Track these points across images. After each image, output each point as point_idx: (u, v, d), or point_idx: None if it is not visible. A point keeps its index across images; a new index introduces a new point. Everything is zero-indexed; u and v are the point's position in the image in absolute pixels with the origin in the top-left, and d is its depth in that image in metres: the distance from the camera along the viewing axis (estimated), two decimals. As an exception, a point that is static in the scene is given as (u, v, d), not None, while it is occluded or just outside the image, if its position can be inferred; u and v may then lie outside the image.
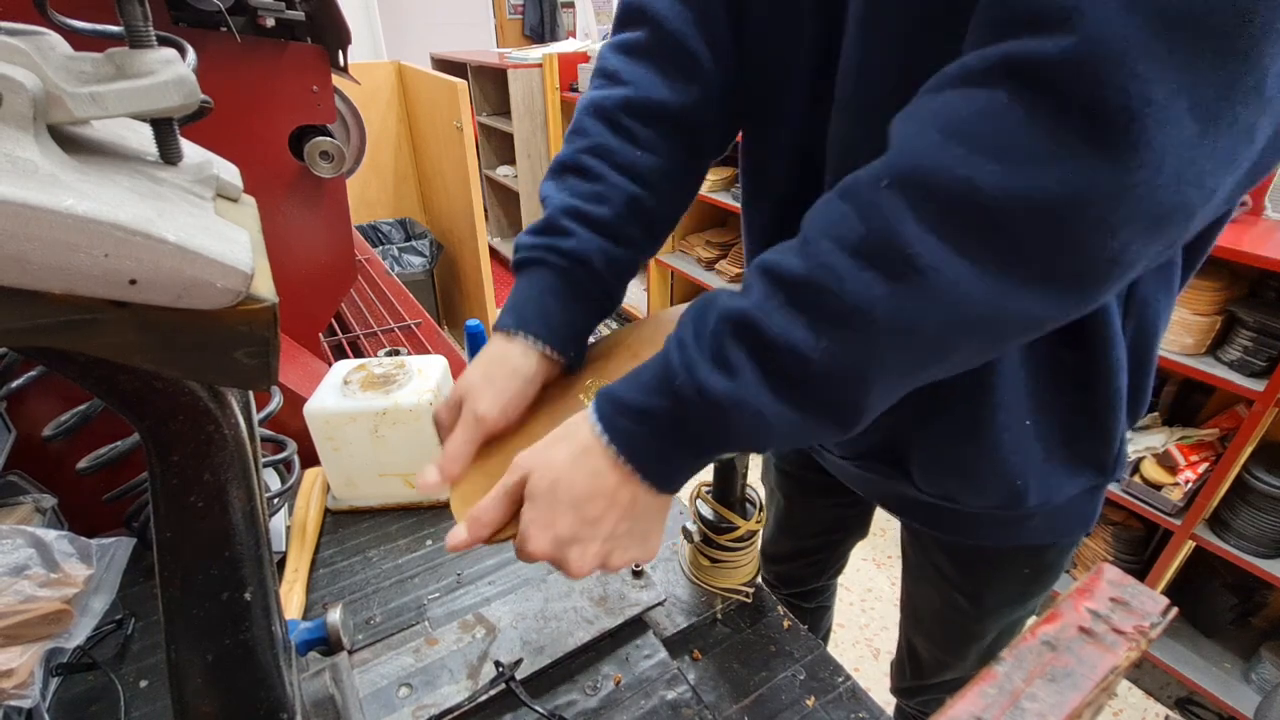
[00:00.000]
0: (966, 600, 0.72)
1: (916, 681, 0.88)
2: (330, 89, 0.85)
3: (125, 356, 0.26)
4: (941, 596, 0.76)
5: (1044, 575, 0.68)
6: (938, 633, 0.81)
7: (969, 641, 0.77)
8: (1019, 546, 0.65)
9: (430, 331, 1.35)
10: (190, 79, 0.27)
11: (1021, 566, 0.67)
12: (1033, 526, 0.62)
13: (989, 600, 0.71)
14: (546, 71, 2.98)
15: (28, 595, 0.54)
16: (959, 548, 0.69)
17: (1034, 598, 0.72)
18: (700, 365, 0.36)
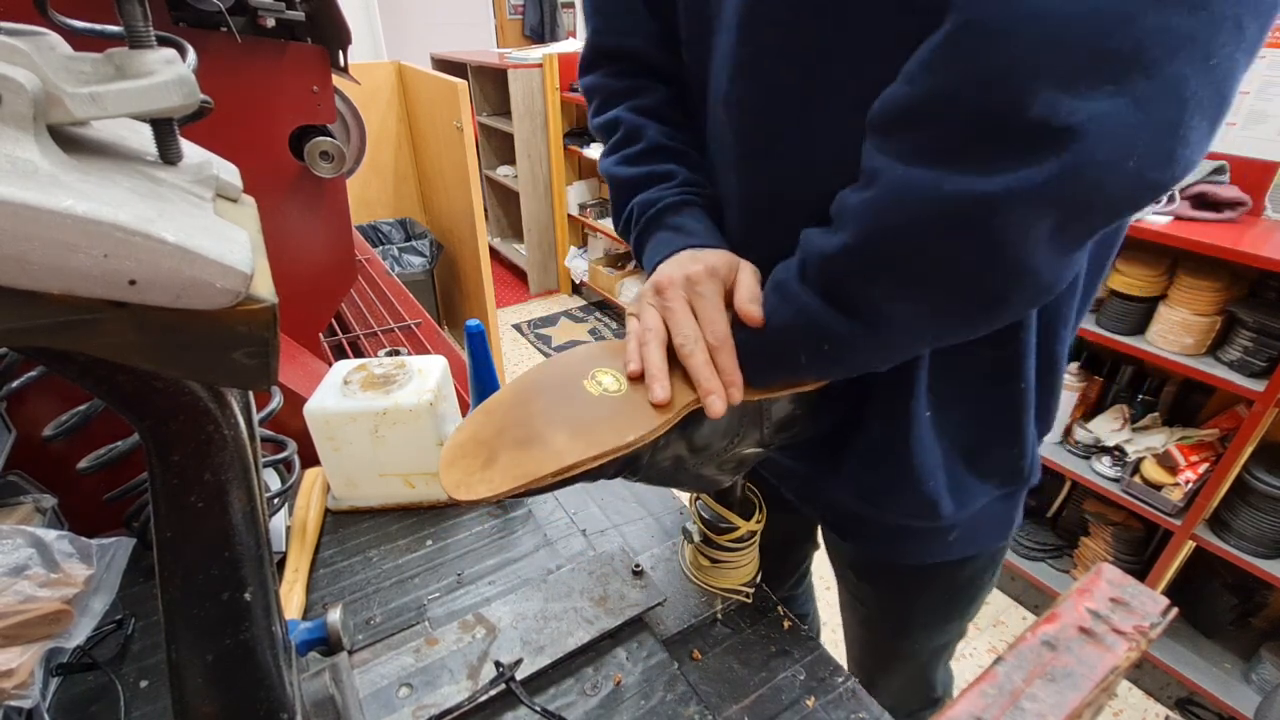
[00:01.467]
0: (886, 620, 0.73)
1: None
2: (330, 89, 0.85)
3: (125, 356, 0.26)
4: (861, 621, 0.77)
5: (967, 592, 0.69)
6: (864, 658, 0.81)
7: (893, 666, 0.77)
8: (938, 564, 0.65)
9: (430, 332, 1.35)
10: (190, 79, 0.27)
11: (941, 588, 0.68)
12: (950, 542, 0.62)
13: (908, 623, 0.72)
14: (546, 72, 2.98)
15: (28, 595, 0.54)
16: (876, 568, 0.70)
17: (960, 617, 0.72)
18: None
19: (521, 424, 0.47)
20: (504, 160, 3.59)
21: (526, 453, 0.44)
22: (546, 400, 0.48)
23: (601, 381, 0.50)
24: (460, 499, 0.42)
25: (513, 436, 0.46)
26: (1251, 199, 1.32)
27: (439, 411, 0.78)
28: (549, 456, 0.44)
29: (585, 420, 0.46)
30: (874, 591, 0.73)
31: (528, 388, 0.50)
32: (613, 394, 0.49)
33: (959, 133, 0.34)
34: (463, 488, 0.43)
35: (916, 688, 0.83)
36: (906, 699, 0.84)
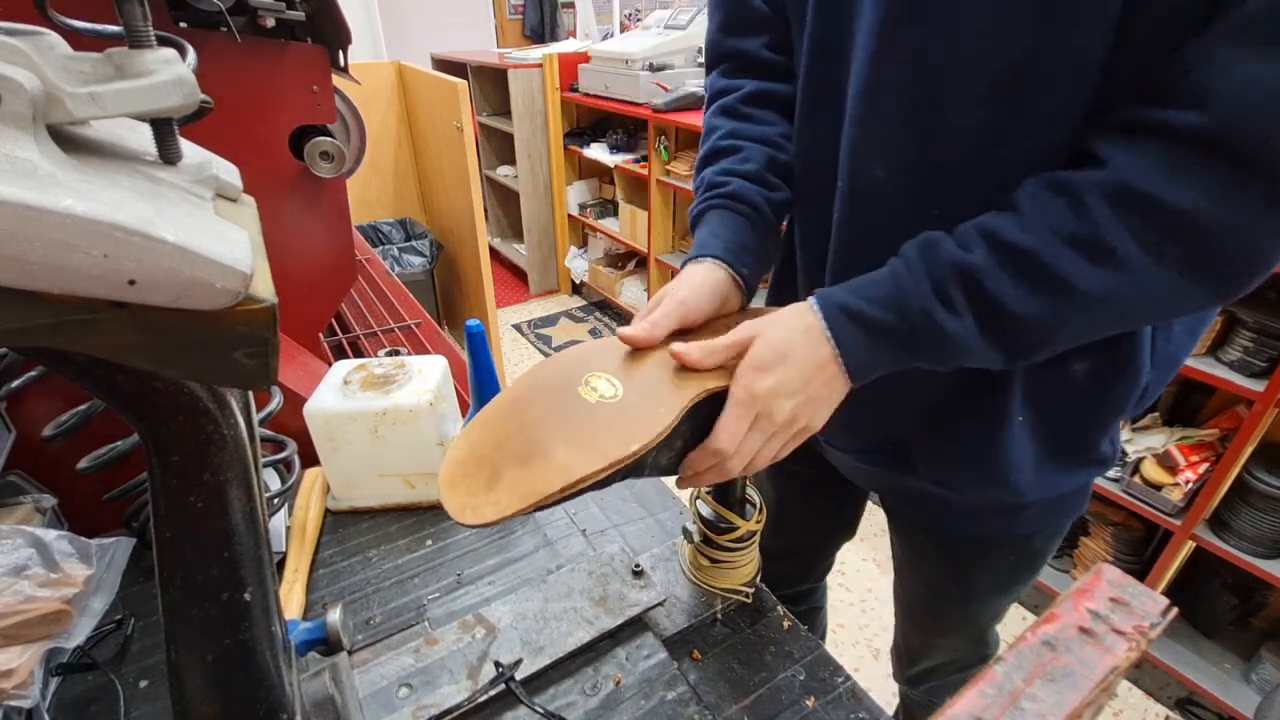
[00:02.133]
0: (954, 587, 0.74)
1: (915, 668, 0.89)
2: (330, 89, 0.85)
3: (124, 357, 0.26)
4: (929, 586, 0.78)
5: (1031, 561, 0.71)
6: (927, 620, 0.83)
7: (957, 627, 0.79)
8: (1007, 536, 0.67)
9: (430, 332, 1.35)
10: (190, 79, 0.27)
11: (1008, 555, 0.69)
12: (1025, 517, 0.64)
13: (976, 588, 0.73)
14: (547, 72, 2.98)
15: (28, 595, 0.54)
16: (946, 538, 0.71)
17: (1021, 583, 0.74)
18: (930, 301, 0.45)
19: (520, 436, 0.46)
20: (504, 160, 3.59)
21: (530, 469, 0.43)
22: (543, 409, 0.47)
23: (597, 387, 0.49)
24: (468, 523, 0.41)
25: (513, 451, 0.45)
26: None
27: (439, 411, 0.78)
28: (555, 472, 0.43)
29: (586, 430, 0.46)
30: (943, 557, 0.74)
31: (522, 396, 0.49)
32: (609, 400, 0.48)
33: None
34: (469, 511, 0.42)
35: (973, 646, 0.84)
36: (960, 657, 0.86)
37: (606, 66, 2.72)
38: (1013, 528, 0.66)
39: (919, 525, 0.74)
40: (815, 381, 0.48)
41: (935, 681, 0.90)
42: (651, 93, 2.54)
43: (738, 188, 0.61)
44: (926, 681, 0.90)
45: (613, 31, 3.82)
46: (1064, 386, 0.55)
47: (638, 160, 2.78)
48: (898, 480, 0.68)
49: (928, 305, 0.45)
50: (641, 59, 2.55)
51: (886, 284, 0.47)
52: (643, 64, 2.56)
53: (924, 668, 0.88)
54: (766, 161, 0.62)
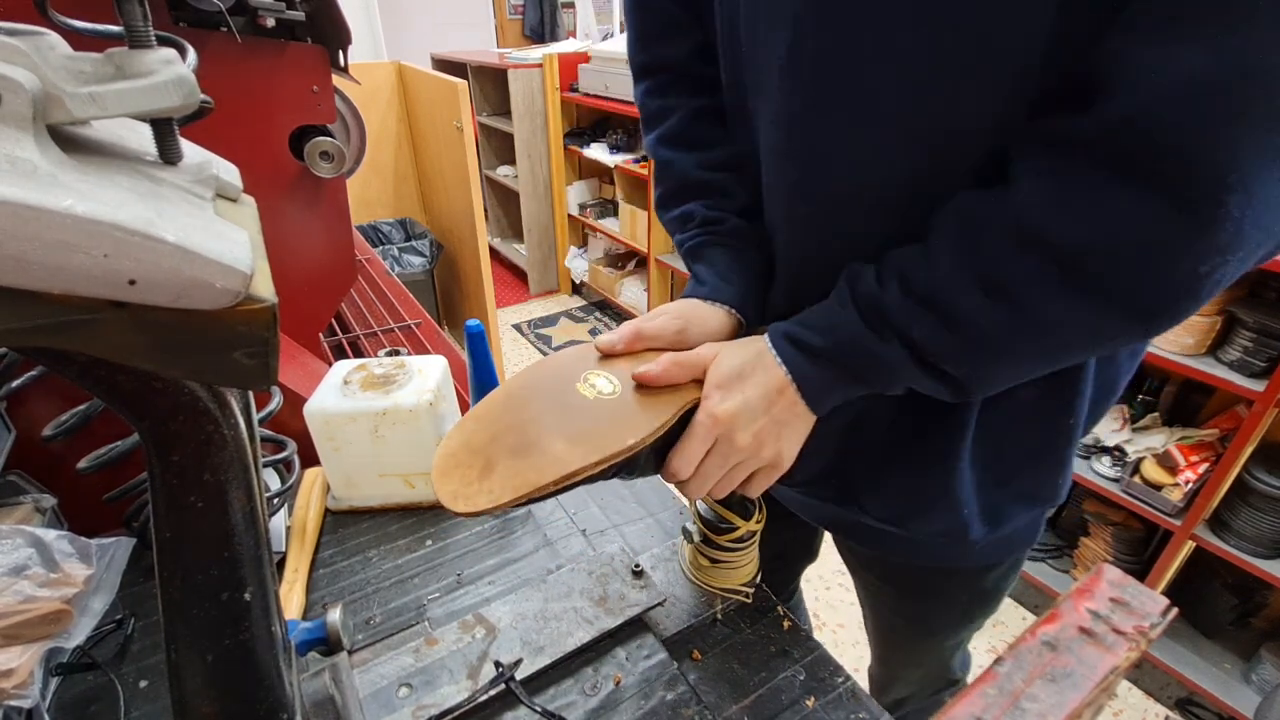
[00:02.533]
0: (909, 623, 0.74)
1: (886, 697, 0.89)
2: (330, 89, 0.85)
3: (124, 357, 0.26)
4: (885, 621, 0.78)
5: (985, 598, 0.70)
6: (889, 652, 0.83)
7: (919, 660, 0.79)
8: (958, 570, 0.66)
9: (430, 332, 1.35)
10: (190, 79, 0.27)
11: (960, 592, 0.69)
12: (975, 552, 0.62)
13: (931, 624, 0.73)
14: (547, 72, 2.98)
15: (28, 595, 0.54)
16: (897, 571, 0.70)
17: (977, 619, 0.73)
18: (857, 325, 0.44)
19: (516, 430, 0.45)
20: (504, 160, 3.59)
21: (525, 460, 0.43)
22: (540, 404, 0.47)
23: (595, 384, 0.49)
24: (459, 511, 0.41)
25: (508, 443, 0.45)
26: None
27: (439, 411, 0.78)
28: (549, 464, 0.43)
29: (582, 424, 0.46)
30: (895, 593, 0.73)
31: (519, 392, 0.49)
32: (607, 396, 0.48)
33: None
34: (461, 499, 0.41)
35: (938, 674, 0.84)
36: (927, 686, 0.86)
37: (606, 66, 2.72)
38: (962, 561, 0.64)
39: (868, 561, 0.73)
40: (777, 405, 0.47)
41: (911, 708, 0.89)
42: (651, 93, 2.54)
43: (735, 225, 0.58)
44: (901, 709, 0.90)
45: (613, 31, 3.82)
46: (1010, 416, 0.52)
47: (638, 160, 2.78)
48: (843, 515, 0.66)
49: (856, 331, 0.44)
50: (641, 59, 2.55)
51: (822, 312, 0.47)
52: (643, 64, 2.55)
53: (894, 698, 0.88)
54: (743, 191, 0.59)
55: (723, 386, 0.47)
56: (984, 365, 0.43)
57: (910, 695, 0.88)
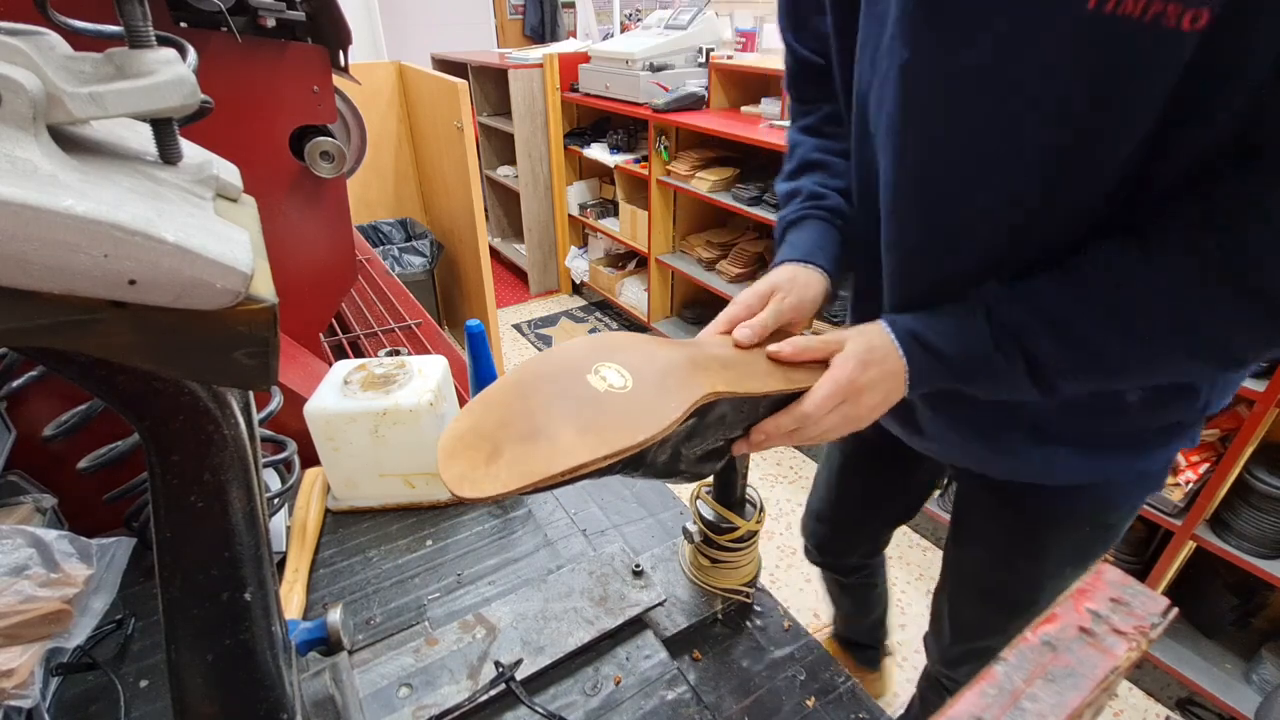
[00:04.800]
0: (1025, 561, 0.76)
1: (962, 645, 0.89)
2: (331, 89, 0.85)
3: (125, 357, 0.26)
4: (996, 558, 0.79)
5: (1104, 535, 0.72)
6: (992, 594, 0.82)
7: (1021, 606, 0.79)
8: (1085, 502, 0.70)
9: (430, 332, 1.35)
10: (190, 79, 0.27)
11: (1084, 524, 0.71)
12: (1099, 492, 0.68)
13: (1049, 561, 0.74)
14: (547, 72, 2.98)
15: (28, 595, 0.54)
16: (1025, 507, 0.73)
17: (1092, 558, 0.74)
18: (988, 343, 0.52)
19: (525, 417, 0.45)
20: (504, 160, 3.59)
21: (533, 448, 0.43)
22: (549, 393, 0.47)
23: (605, 376, 0.49)
24: (465, 495, 0.40)
25: (517, 430, 0.44)
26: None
27: (439, 411, 0.78)
28: (558, 454, 0.42)
29: (593, 416, 0.45)
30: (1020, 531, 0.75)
31: (528, 379, 0.48)
32: (618, 390, 0.48)
33: None
34: (468, 483, 0.40)
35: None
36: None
37: (607, 66, 2.72)
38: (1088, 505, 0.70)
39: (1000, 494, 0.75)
40: (889, 387, 0.54)
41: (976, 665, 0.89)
42: (652, 93, 2.54)
43: (835, 203, 0.67)
44: (966, 664, 0.90)
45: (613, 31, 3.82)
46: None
47: (638, 160, 2.78)
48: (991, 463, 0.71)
49: (987, 351, 0.52)
50: (642, 59, 2.55)
51: (951, 325, 0.54)
52: (643, 64, 2.56)
53: (971, 647, 0.88)
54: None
55: (864, 362, 0.53)
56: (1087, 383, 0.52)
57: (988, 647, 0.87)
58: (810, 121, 0.73)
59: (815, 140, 0.72)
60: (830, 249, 0.65)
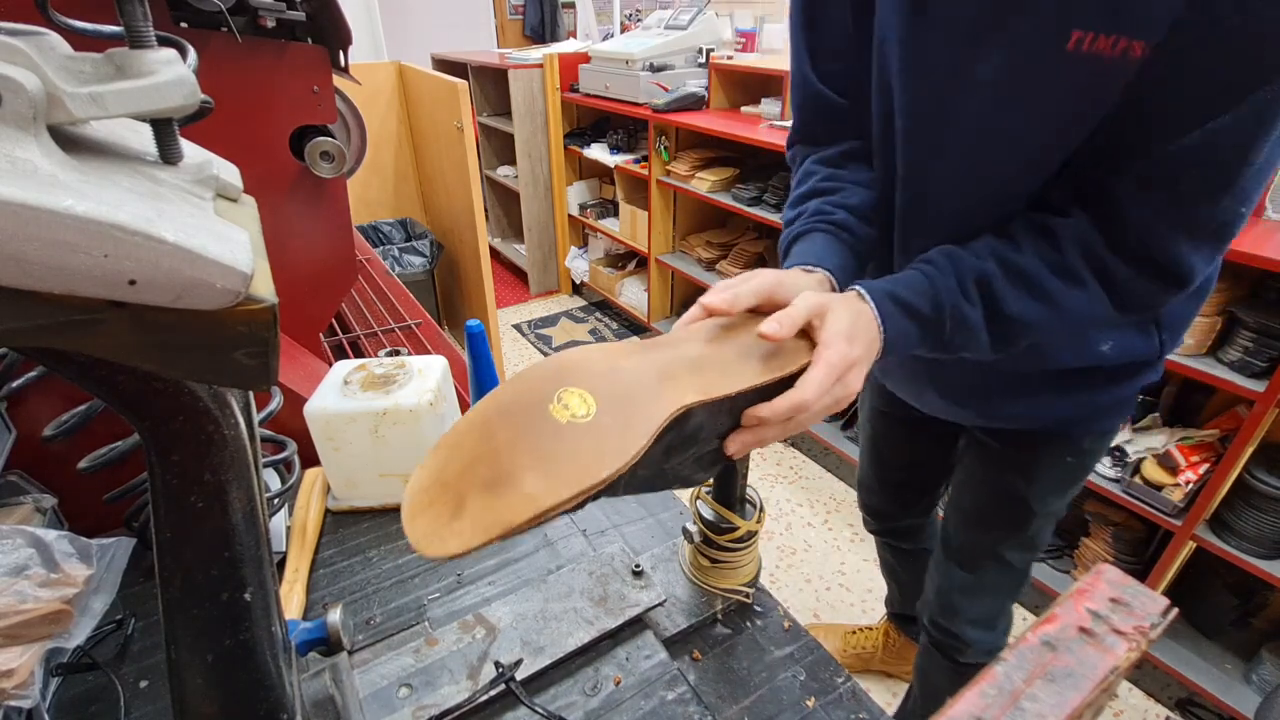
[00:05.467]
0: (1022, 480, 0.87)
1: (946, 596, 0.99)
2: (331, 89, 0.85)
3: (125, 357, 0.26)
4: (995, 482, 0.90)
5: (1084, 460, 0.85)
6: (990, 517, 0.93)
7: (1019, 524, 0.90)
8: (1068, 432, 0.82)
9: (431, 332, 1.35)
10: (190, 79, 0.27)
11: (1065, 454, 0.84)
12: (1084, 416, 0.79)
13: (1039, 481, 0.86)
14: (547, 72, 2.98)
15: (28, 595, 0.54)
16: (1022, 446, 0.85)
17: (1073, 486, 0.88)
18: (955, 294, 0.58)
19: (488, 460, 0.43)
20: (504, 160, 3.59)
21: (497, 498, 0.41)
22: (512, 430, 0.45)
23: (569, 405, 0.46)
24: (431, 555, 0.39)
25: (480, 476, 0.42)
26: (1252, 199, 1.32)
27: (439, 412, 0.78)
28: (521, 501, 0.41)
29: (555, 455, 0.43)
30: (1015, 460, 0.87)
31: (491, 415, 0.46)
32: (581, 420, 0.46)
33: None
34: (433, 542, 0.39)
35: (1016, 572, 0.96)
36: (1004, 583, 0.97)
37: (607, 67, 2.72)
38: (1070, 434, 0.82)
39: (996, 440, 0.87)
40: (870, 356, 0.56)
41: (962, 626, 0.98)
42: (652, 93, 2.54)
43: (842, 218, 0.70)
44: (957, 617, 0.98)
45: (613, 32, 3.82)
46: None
47: (638, 160, 2.78)
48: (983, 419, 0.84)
49: (955, 299, 0.58)
50: (642, 59, 2.55)
51: (922, 282, 0.58)
52: (643, 64, 2.56)
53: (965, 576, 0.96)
54: (865, 201, 0.72)
55: (849, 337, 0.54)
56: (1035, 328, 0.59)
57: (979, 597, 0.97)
58: (828, 153, 0.76)
59: (828, 170, 0.75)
60: (836, 258, 0.66)
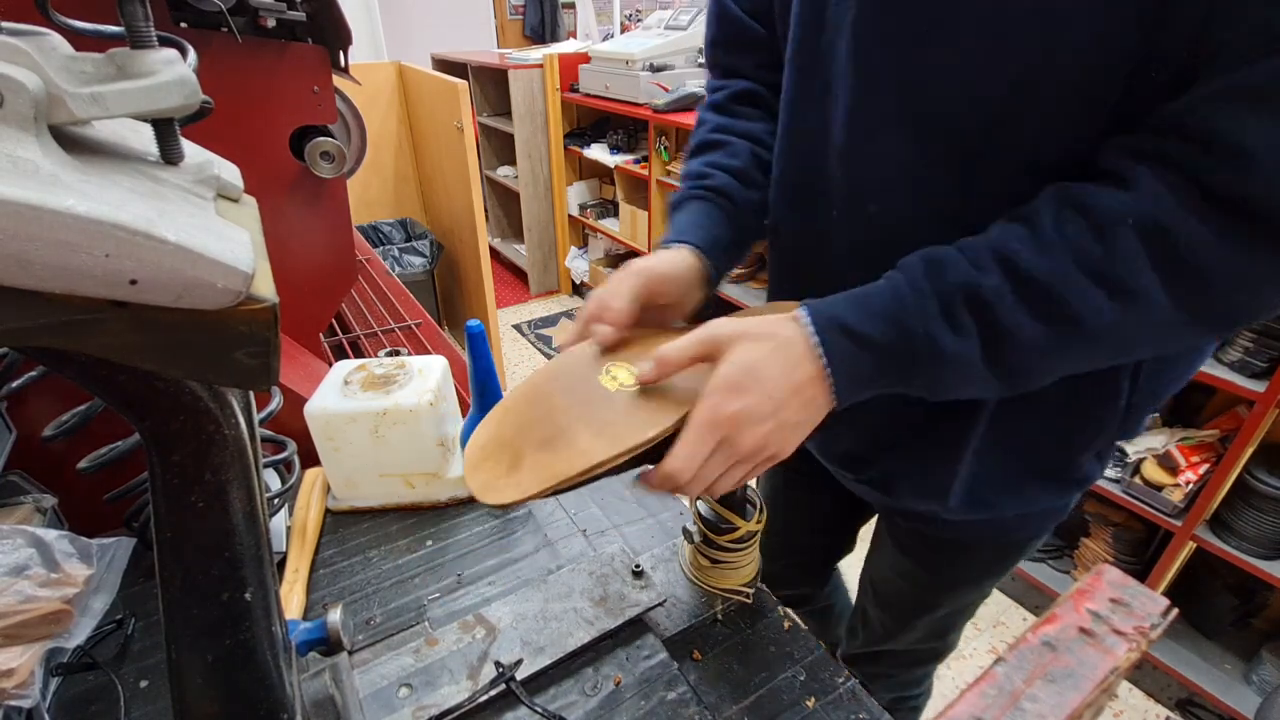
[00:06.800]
0: (927, 574, 0.76)
1: (865, 648, 0.90)
2: (331, 89, 0.85)
3: (125, 357, 0.26)
4: (901, 569, 0.79)
5: (1006, 559, 0.73)
6: (893, 602, 0.83)
7: (921, 613, 0.80)
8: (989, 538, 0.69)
9: (431, 332, 1.35)
10: (191, 79, 0.27)
11: (986, 553, 0.72)
12: (1006, 526, 0.65)
13: (948, 578, 0.75)
14: (547, 72, 2.98)
15: (28, 595, 0.54)
16: (929, 537, 0.72)
17: (993, 579, 0.76)
18: (934, 320, 0.42)
19: (543, 422, 0.47)
20: (504, 160, 3.59)
21: (552, 453, 0.45)
22: (565, 397, 0.49)
23: (617, 376, 0.51)
24: (490, 502, 0.43)
25: (536, 436, 0.47)
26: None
27: (439, 412, 0.78)
28: (575, 456, 0.44)
29: (606, 416, 0.47)
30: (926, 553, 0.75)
31: (545, 384, 0.51)
32: (629, 388, 0.50)
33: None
34: (491, 491, 0.44)
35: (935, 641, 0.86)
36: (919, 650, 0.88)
37: (607, 67, 2.72)
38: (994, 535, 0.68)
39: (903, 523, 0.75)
40: (790, 406, 0.44)
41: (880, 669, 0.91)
42: (652, 93, 2.54)
43: (722, 182, 0.62)
44: (872, 665, 0.91)
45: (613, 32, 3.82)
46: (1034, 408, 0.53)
47: (638, 161, 2.78)
48: (876, 496, 0.70)
49: (932, 327, 0.42)
50: (642, 59, 2.55)
51: (887, 300, 0.44)
52: (643, 64, 2.56)
53: (878, 650, 0.89)
54: (751, 158, 0.64)
55: (733, 388, 0.43)
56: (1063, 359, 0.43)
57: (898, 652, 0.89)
58: (718, 98, 0.68)
59: (719, 119, 0.67)
60: (708, 227, 0.60)
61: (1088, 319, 0.40)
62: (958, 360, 0.42)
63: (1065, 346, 0.42)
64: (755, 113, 0.67)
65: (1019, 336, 0.41)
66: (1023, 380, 0.44)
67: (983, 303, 0.41)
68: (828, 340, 0.44)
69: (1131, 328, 0.40)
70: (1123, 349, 0.43)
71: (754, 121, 0.66)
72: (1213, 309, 0.40)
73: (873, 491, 0.69)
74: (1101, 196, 0.40)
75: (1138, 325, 0.40)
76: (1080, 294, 0.40)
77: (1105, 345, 0.42)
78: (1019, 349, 0.42)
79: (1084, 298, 0.40)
